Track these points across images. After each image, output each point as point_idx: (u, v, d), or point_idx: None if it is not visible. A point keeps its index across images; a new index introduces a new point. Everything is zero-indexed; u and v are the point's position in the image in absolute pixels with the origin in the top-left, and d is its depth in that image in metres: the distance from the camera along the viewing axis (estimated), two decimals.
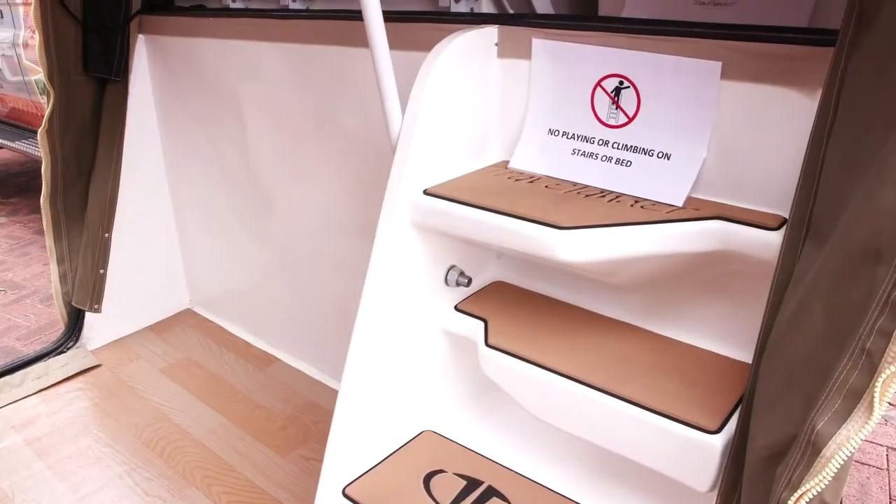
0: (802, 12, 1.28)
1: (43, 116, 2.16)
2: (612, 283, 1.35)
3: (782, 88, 1.11)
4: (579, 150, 1.34)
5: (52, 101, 2.15)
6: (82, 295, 2.39)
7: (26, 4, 3.47)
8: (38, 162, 4.64)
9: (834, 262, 0.84)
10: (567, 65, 1.33)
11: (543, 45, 1.35)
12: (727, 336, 1.29)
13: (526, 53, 1.38)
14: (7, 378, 2.26)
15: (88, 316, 2.46)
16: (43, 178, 2.23)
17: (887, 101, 0.82)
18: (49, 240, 2.33)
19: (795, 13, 1.28)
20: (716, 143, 1.20)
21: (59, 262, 2.37)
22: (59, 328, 2.52)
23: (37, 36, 2.09)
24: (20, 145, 3.71)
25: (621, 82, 1.27)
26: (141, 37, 2.32)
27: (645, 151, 1.27)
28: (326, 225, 2.03)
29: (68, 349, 2.44)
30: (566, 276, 1.47)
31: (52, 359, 2.38)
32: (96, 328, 2.49)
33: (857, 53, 0.88)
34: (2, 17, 3.68)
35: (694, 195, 1.24)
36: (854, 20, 0.89)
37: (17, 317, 3.00)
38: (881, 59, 0.84)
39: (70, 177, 2.29)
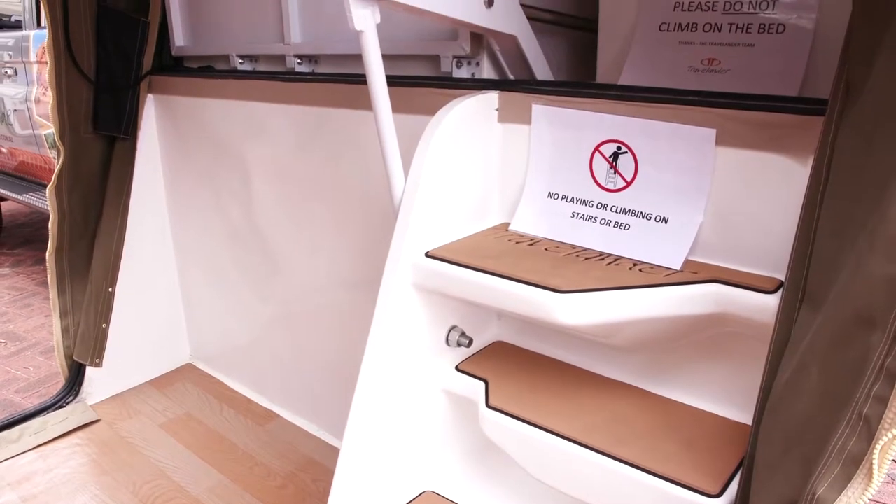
0: (793, 81, 1.32)
1: (50, 170, 2.20)
2: (612, 345, 1.36)
3: (775, 155, 1.14)
4: (578, 214, 1.36)
5: (61, 158, 2.19)
6: (84, 349, 2.39)
7: (40, 63, 3.57)
8: (43, 213, 4.69)
9: (829, 328, 0.86)
10: (566, 130, 1.37)
11: (543, 111, 1.39)
12: (727, 397, 1.29)
13: (526, 118, 1.42)
14: (4, 433, 2.25)
15: (89, 370, 2.45)
16: (50, 233, 2.25)
17: (875, 170, 0.85)
18: (53, 293, 2.34)
19: (786, 81, 1.32)
20: (712, 207, 1.23)
21: (62, 315, 2.38)
22: (59, 381, 2.51)
23: (49, 93, 2.14)
24: (27, 198, 3.75)
25: (619, 147, 1.30)
26: (150, 96, 2.38)
27: (643, 215, 1.29)
28: (328, 283, 2.05)
29: (68, 404, 2.43)
30: (566, 337, 1.47)
31: (50, 413, 2.36)
32: (96, 382, 2.48)
33: (846, 123, 0.91)
34: (16, 74, 3.78)
35: (692, 258, 1.26)
36: (842, 92, 0.92)
37: (17, 369, 2.99)
38: (868, 130, 0.87)
39: (76, 232, 2.32)
